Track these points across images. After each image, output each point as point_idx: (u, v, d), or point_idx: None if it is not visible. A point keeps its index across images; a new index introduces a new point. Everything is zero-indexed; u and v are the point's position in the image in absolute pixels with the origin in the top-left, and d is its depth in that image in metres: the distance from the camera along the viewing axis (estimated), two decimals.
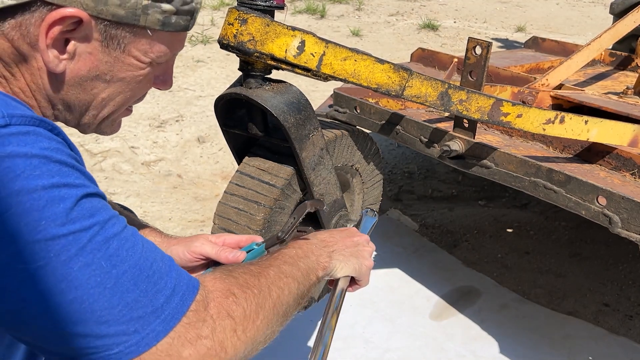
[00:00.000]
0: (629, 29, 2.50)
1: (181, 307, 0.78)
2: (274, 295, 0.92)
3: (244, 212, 1.33)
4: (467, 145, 1.71)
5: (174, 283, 0.80)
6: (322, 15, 6.91)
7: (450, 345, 2.07)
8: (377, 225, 1.35)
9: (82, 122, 0.96)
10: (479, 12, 7.68)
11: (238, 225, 1.34)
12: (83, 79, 0.88)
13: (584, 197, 1.49)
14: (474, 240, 2.72)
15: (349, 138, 1.51)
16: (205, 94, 4.38)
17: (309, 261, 1.03)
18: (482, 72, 1.62)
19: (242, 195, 1.35)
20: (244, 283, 0.88)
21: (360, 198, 1.63)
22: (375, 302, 2.27)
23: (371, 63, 1.25)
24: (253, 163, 1.37)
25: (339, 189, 1.41)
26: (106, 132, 1.03)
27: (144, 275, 0.77)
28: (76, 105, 0.92)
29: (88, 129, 0.99)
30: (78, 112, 0.94)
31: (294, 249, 1.04)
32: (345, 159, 1.51)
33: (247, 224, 1.33)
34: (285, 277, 0.95)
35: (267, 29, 1.13)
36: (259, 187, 1.34)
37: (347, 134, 1.51)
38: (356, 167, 1.58)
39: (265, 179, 1.34)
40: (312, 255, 1.05)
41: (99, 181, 3.07)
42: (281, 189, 1.33)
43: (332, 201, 1.40)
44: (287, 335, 2.14)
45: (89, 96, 0.92)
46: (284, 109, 1.20)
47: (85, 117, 0.95)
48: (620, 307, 2.33)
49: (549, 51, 3.20)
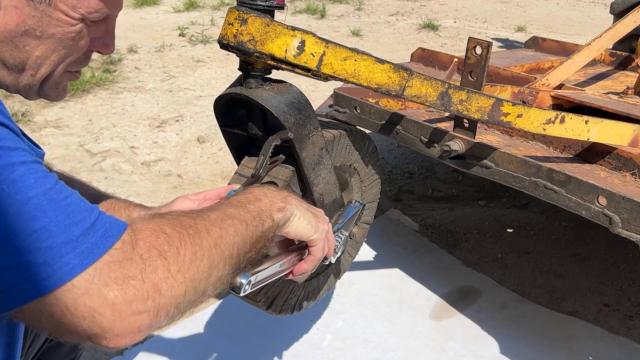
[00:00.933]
0: (629, 28, 2.50)
1: (102, 243, 0.70)
2: (215, 234, 0.83)
3: None
4: (467, 145, 1.71)
5: (94, 219, 0.72)
6: (322, 15, 6.90)
7: (450, 345, 2.07)
8: (377, 225, 1.35)
9: (21, 84, 0.95)
10: (479, 12, 7.68)
11: None
12: (12, 35, 0.87)
13: (584, 197, 1.49)
14: (474, 240, 2.72)
15: (347, 138, 1.51)
16: (205, 93, 4.38)
17: (261, 204, 0.95)
18: (482, 72, 1.62)
19: None
20: (177, 223, 0.80)
21: (358, 197, 1.63)
22: (375, 302, 2.27)
23: (371, 63, 1.25)
24: (251, 165, 1.37)
25: (338, 188, 1.41)
26: (50, 96, 1.00)
27: (55, 205, 0.69)
28: (11, 64, 0.91)
29: (31, 93, 0.97)
30: (15, 72, 0.92)
31: (243, 194, 0.97)
32: (343, 158, 1.51)
33: None
34: (230, 219, 0.87)
35: (267, 29, 1.13)
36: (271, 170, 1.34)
37: (346, 134, 1.51)
38: (354, 167, 1.58)
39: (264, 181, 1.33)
40: (265, 197, 0.97)
41: (98, 181, 3.08)
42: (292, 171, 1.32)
43: (332, 201, 1.39)
44: (287, 336, 2.15)
45: (22, 54, 0.90)
46: (285, 109, 1.20)
47: (23, 77, 0.94)
48: (621, 307, 2.33)
49: (549, 51, 3.20)
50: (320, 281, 1.58)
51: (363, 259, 2.51)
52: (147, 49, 5.29)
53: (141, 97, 4.27)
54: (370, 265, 2.48)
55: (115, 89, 4.37)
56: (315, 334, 2.09)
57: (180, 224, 0.80)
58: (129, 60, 4.97)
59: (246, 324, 2.09)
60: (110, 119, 3.88)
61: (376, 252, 2.56)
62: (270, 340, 2.04)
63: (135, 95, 4.29)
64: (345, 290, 2.32)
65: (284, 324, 2.11)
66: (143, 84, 4.51)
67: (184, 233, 0.78)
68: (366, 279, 2.40)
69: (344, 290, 2.32)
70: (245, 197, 0.95)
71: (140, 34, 5.67)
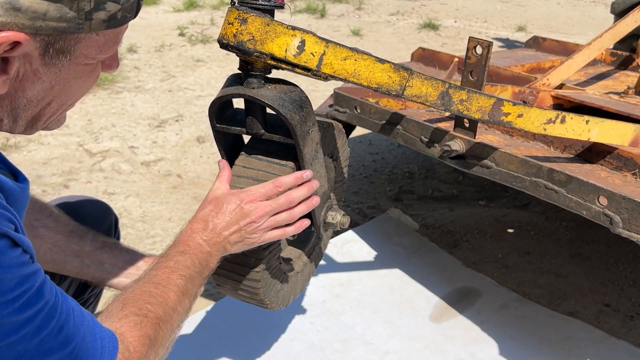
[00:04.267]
0: (630, 28, 2.50)
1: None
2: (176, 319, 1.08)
3: None
4: (467, 145, 1.70)
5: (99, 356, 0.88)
6: (322, 14, 6.90)
7: (450, 347, 2.07)
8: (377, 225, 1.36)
9: (29, 131, 0.94)
10: (480, 12, 7.67)
11: None
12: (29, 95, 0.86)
13: (585, 197, 1.48)
14: (474, 241, 2.72)
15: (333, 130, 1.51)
16: (205, 93, 4.37)
17: (202, 269, 1.15)
18: (482, 71, 1.61)
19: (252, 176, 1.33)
20: (153, 319, 1.01)
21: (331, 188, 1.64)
22: (375, 303, 2.26)
23: (371, 63, 1.24)
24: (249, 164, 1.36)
25: (327, 180, 1.42)
26: (52, 128, 1.00)
27: None
28: (23, 118, 0.90)
29: (34, 132, 0.97)
30: (24, 123, 0.91)
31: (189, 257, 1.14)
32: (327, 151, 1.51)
33: None
34: (184, 296, 1.09)
35: (267, 29, 1.13)
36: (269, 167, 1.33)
37: (333, 127, 1.51)
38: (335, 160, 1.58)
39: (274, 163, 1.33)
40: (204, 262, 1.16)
41: (98, 181, 3.08)
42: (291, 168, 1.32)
43: (322, 193, 1.40)
44: (286, 336, 2.14)
45: (37, 108, 0.89)
46: (290, 107, 1.20)
47: (32, 128, 0.93)
48: (621, 307, 2.33)
49: (550, 51, 3.20)
50: None
51: (363, 259, 2.51)
52: (147, 49, 5.29)
53: (141, 96, 4.27)
54: (370, 266, 2.47)
55: (114, 88, 4.36)
56: (315, 335, 2.09)
57: (155, 319, 1.01)
58: (128, 59, 4.96)
59: (245, 324, 2.09)
60: (109, 118, 3.88)
61: (376, 252, 2.55)
62: (269, 341, 2.04)
63: (135, 95, 4.29)
64: (345, 291, 2.32)
65: (284, 325, 2.11)
66: (143, 83, 4.51)
67: (157, 329, 1.01)
68: (366, 279, 2.39)
69: (344, 291, 2.32)
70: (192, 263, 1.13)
71: (140, 33, 5.66)
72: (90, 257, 1.30)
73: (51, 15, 0.78)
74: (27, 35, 0.78)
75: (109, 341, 0.90)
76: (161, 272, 1.09)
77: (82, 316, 0.89)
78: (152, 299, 1.03)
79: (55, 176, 3.13)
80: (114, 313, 0.99)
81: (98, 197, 2.37)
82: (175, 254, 1.13)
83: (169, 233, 2.71)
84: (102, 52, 0.89)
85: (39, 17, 0.77)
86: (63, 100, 0.92)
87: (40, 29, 0.78)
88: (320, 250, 1.68)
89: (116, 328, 0.95)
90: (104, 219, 1.49)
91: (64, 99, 0.92)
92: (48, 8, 0.77)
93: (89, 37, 0.85)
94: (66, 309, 0.86)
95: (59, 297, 0.85)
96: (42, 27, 0.78)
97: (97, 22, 0.83)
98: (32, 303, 0.79)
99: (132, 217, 2.82)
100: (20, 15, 0.76)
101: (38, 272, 0.82)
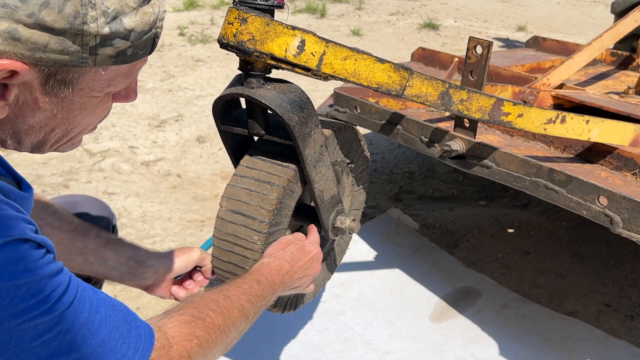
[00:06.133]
0: (630, 28, 2.49)
1: None
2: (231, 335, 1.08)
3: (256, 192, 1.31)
4: (467, 145, 1.70)
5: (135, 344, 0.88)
6: (322, 14, 6.90)
7: (450, 347, 2.07)
8: (378, 225, 1.37)
9: (37, 152, 0.94)
10: (480, 12, 7.67)
11: (249, 206, 1.32)
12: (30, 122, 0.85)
13: (585, 197, 1.48)
14: (474, 241, 2.72)
15: (344, 133, 1.50)
16: (205, 93, 4.37)
17: (266, 303, 1.21)
18: (482, 71, 1.61)
19: (254, 177, 1.33)
20: (210, 324, 1.01)
21: (348, 200, 1.63)
22: (375, 303, 2.26)
23: (371, 62, 1.24)
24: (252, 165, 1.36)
25: (336, 184, 1.41)
26: (65, 151, 1.00)
27: None
28: (27, 142, 0.89)
29: (44, 153, 0.96)
30: (29, 145, 0.91)
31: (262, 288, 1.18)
32: (338, 154, 1.51)
33: (259, 204, 1.31)
34: (245, 319, 1.12)
35: (267, 29, 1.13)
36: (271, 168, 1.33)
37: (347, 129, 1.51)
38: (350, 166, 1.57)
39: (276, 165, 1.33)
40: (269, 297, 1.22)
41: (98, 181, 3.08)
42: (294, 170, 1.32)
43: (330, 197, 1.39)
44: (287, 337, 2.14)
45: (40, 134, 0.89)
46: (288, 107, 1.20)
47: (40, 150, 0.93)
48: (621, 307, 2.32)
49: (550, 51, 3.20)
50: None
51: (363, 259, 2.51)
52: None
53: (140, 96, 4.27)
54: (370, 266, 2.47)
55: None
56: (315, 335, 2.09)
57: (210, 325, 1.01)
58: None
59: None
60: (109, 118, 3.87)
61: (376, 251, 2.55)
62: (270, 341, 2.04)
63: None
64: (345, 291, 2.32)
65: (284, 325, 2.11)
66: (142, 83, 4.51)
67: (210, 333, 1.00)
68: (366, 279, 2.39)
69: (344, 291, 2.32)
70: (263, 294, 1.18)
71: None
72: (94, 255, 1.30)
73: (52, 48, 0.77)
74: (27, 65, 0.77)
75: (144, 330, 0.90)
76: (234, 289, 1.13)
77: (113, 306, 0.88)
78: (217, 308, 1.05)
79: (55, 176, 3.13)
80: (172, 311, 1.01)
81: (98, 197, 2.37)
82: (252, 280, 1.18)
83: (169, 233, 2.71)
84: (111, 86, 0.88)
85: (39, 48, 0.76)
86: (68, 129, 0.91)
87: (41, 60, 0.77)
88: (335, 256, 1.67)
89: (163, 323, 0.95)
90: (101, 218, 1.49)
91: (68, 127, 0.90)
92: (49, 40, 0.76)
93: (94, 71, 0.83)
94: (97, 300, 0.86)
95: (87, 291, 0.85)
96: (42, 58, 0.77)
97: (104, 58, 0.82)
98: (64, 300, 0.80)
99: (132, 217, 2.82)
100: (19, 46, 0.75)
101: (63, 270, 0.83)
